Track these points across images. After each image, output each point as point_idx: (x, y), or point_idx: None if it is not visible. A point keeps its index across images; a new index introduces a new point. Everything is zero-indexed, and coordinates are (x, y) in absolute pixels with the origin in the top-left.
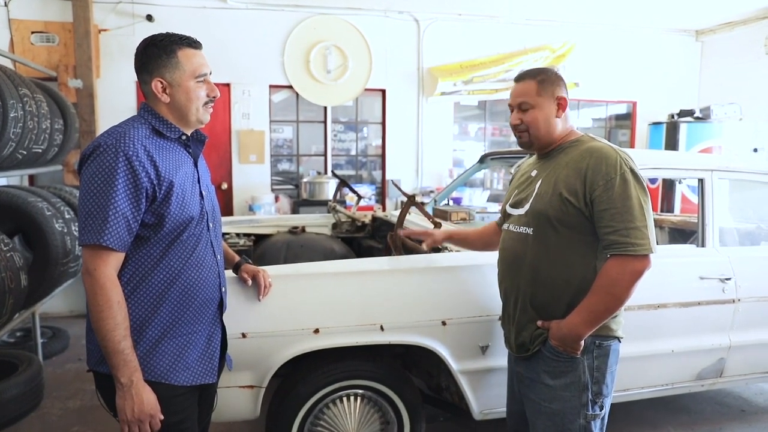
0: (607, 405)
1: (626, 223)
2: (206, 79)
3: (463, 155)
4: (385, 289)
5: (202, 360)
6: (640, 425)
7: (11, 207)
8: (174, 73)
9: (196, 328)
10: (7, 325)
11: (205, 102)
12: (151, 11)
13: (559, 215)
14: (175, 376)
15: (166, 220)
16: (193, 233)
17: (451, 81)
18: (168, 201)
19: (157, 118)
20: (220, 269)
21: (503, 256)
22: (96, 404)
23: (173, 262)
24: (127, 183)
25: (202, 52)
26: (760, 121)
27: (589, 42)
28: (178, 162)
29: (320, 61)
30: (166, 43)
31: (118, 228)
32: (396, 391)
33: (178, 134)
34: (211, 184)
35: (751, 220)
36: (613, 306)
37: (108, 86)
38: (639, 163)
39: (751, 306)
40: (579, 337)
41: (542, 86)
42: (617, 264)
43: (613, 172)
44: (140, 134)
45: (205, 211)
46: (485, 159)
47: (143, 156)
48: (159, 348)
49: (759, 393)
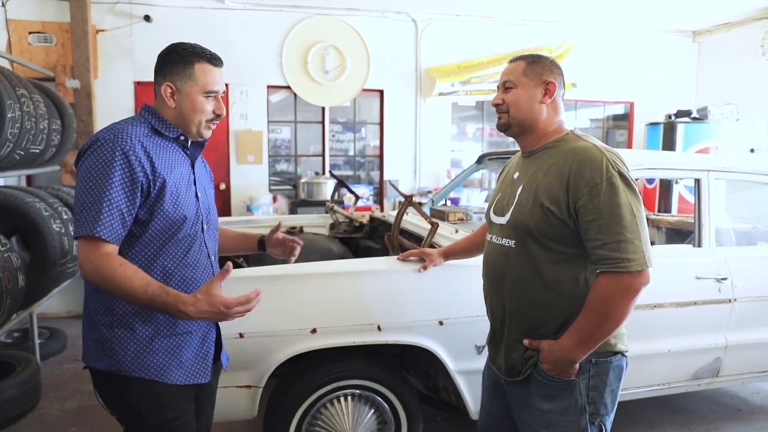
0: (608, 424)
1: (616, 236)
2: (216, 96)
3: (461, 156)
4: (382, 289)
5: (196, 360)
6: (637, 425)
7: (9, 207)
8: (186, 82)
9: (190, 327)
10: (5, 326)
11: (210, 119)
12: (149, 11)
13: (541, 227)
14: (169, 375)
15: (159, 218)
16: (188, 234)
17: (449, 81)
18: (161, 198)
19: (157, 118)
20: (214, 270)
21: (487, 270)
22: (94, 404)
23: (167, 261)
24: (123, 176)
25: (222, 70)
26: (757, 122)
27: (586, 43)
28: (174, 161)
29: (318, 61)
30: (187, 53)
31: (112, 220)
32: (393, 391)
33: (176, 134)
34: (212, 187)
35: (748, 221)
36: (607, 328)
37: (106, 87)
38: (637, 164)
39: (747, 306)
40: (572, 361)
41: (531, 67)
42: (609, 282)
43: (599, 177)
44: (138, 131)
45: (200, 212)
46: (483, 159)
47: (140, 151)
48: (152, 346)
49: (755, 392)
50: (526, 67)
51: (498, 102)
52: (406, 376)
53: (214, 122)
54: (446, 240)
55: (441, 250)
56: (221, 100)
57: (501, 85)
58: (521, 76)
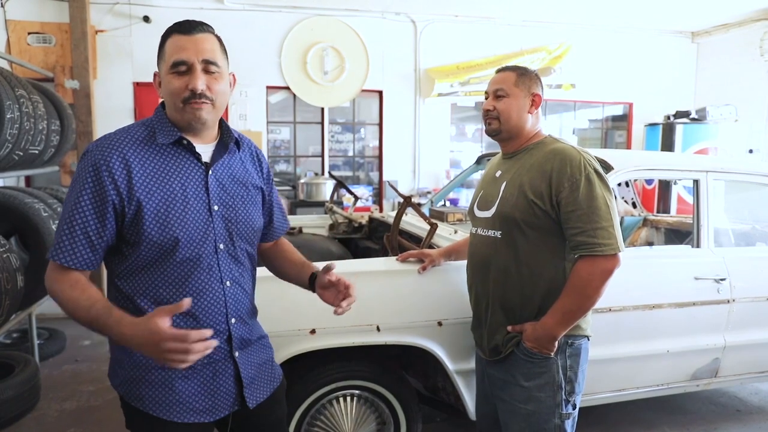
0: (578, 402)
1: (593, 224)
2: (190, 67)
3: (460, 156)
4: (381, 290)
5: (201, 396)
6: (635, 425)
7: (8, 208)
8: (161, 65)
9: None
10: (4, 327)
11: (185, 97)
12: (148, 12)
13: (526, 218)
14: (165, 411)
15: (142, 241)
16: (187, 257)
17: (448, 82)
18: (139, 219)
19: (160, 119)
20: (228, 298)
21: (472, 261)
22: (93, 405)
23: (161, 289)
24: (93, 194)
25: (197, 37)
26: (756, 123)
27: (585, 43)
28: (170, 172)
29: (317, 62)
30: (165, 33)
31: (73, 244)
32: (392, 392)
33: (172, 138)
34: (253, 195)
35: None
36: (585, 306)
37: (105, 87)
38: (635, 165)
39: (746, 306)
40: (554, 338)
41: (521, 79)
42: (587, 265)
43: (578, 174)
44: (128, 139)
45: (214, 229)
46: (482, 160)
47: (116, 165)
48: (147, 375)
49: (754, 393)
50: (517, 79)
51: (489, 108)
52: (405, 376)
53: (194, 102)
54: (445, 241)
55: (440, 250)
56: (198, 72)
57: (492, 93)
58: (513, 86)
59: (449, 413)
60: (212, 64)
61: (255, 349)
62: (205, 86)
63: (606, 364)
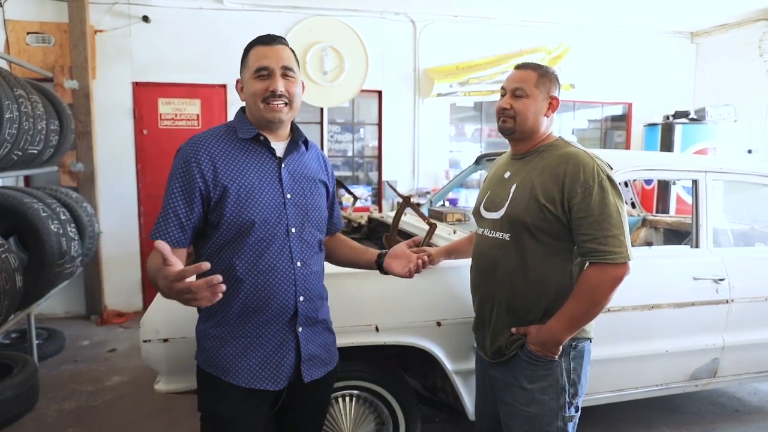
0: (581, 404)
1: (604, 231)
2: (270, 73)
3: (460, 156)
4: (380, 290)
5: (264, 366)
6: (635, 425)
7: (7, 208)
8: (244, 72)
9: (260, 331)
10: (3, 327)
11: (265, 97)
12: (148, 12)
13: (536, 222)
14: (234, 376)
15: (224, 222)
16: (261, 238)
17: (447, 82)
18: (222, 203)
19: (241, 120)
20: (297, 277)
21: (478, 262)
22: (92, 405)
23: (238, 266)
24: (183, 183)
25: (278, 47)
26: (755, 123)
27: (584, 43)
28: (248, 164)
29: (317, 62)
30: (248, 45)
31: (167, 226)
32: (391, 392)
33: (251, 134)
34: (320, 187)
35: (745, 221)
36: (592, 312)
37: (104, 87)
38: (635, 165)
39: (745, 306)
40: (559, 342)
41: (541, 80)
42: (597, 272)
43: (591, 180)
44: (213, 136)
45: (286, 215)
46: (481, 160)
47: (203, 158)
48: (225, 346)
49: (753, 393)
50: (538, 79)
51: (506, 107)
52: (404, 376)
53: (272, 101)
54: (444, 241)
55: (440, 249)
56: (278, 76)
57: (510, 91)
58: (533, 87)
59: (448, 413)
60: (289, 70)
61: (318, 330)
62: (283, 88)
63: (605, 364)
